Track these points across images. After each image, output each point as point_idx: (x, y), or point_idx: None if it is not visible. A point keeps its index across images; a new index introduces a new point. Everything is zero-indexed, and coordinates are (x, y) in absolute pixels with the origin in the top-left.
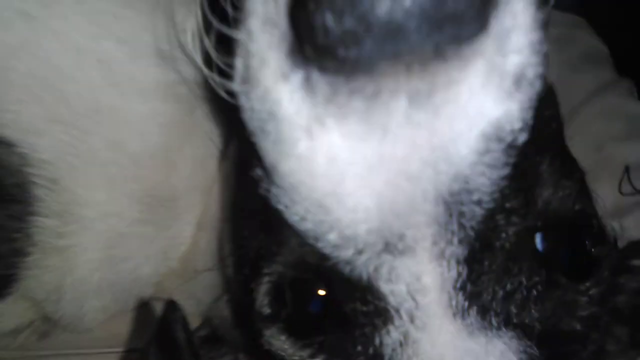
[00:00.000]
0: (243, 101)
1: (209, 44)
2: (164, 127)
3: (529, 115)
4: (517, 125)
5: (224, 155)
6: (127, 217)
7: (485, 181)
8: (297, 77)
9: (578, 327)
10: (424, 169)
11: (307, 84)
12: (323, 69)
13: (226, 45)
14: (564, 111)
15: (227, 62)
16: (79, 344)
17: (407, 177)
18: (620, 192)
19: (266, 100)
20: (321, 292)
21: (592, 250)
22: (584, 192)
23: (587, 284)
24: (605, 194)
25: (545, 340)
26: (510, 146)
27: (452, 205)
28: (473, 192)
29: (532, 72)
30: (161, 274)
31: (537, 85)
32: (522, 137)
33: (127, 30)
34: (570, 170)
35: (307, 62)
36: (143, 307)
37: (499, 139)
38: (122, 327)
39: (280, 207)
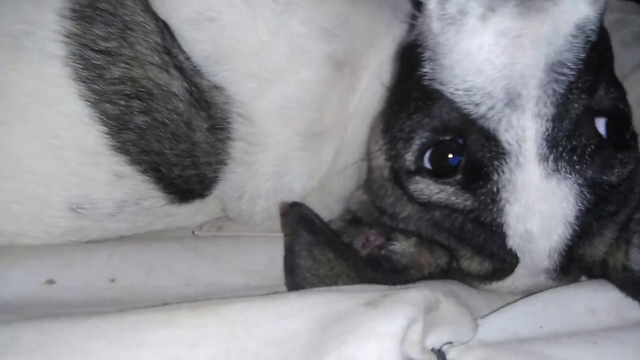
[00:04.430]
0: (437, 12)
1: None
2: (322, 83)
3: (597, 25)
4: (592, 26)
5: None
6: (291, 144)
7: (571, 58)
8: None
9: (613, 179)
10: (543, 41)
11: None
12: None
13: None
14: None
15: None
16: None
17: (533, 45)
18: None
19: (458, 3)
20: (460, 141)
21: (627, 137)
22: (626, 102)
23: (622, 155)
24: None
25: (593, 188)
26: (587, 40)
27: (552, 73)
28: (564, 64)
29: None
30: (306, 189)
31: (601, 9)
32: (593, 37)
33: (307, 15)
34: (618, 84)
35: None
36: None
37: (582, 31)
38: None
39: (441, 86)
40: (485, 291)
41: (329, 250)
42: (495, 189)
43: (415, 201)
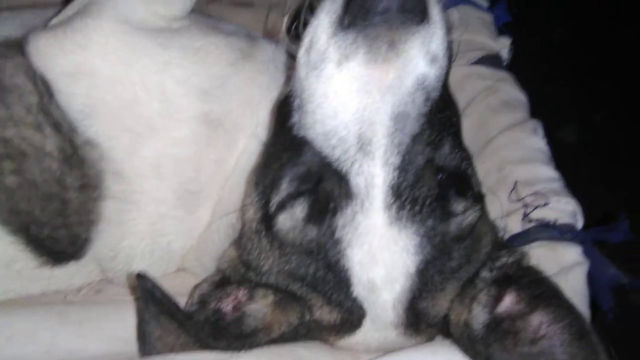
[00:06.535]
0: (304, 59)
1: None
2: (197, 141)
3: (438, 84)
4: (432, 84)
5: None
6: (166, 202)
7: (414, 110)
8: (339, 34)
9: (452, 230)
10: (388, 89)
11: (342, 37)
12: (353, 26)
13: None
14: (481, 143)
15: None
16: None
17: (380, 92)
18: (509, 201)
19: (319, 51)
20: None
21: (466, 192)
22: (470, 164)
23: (461, 207)
24: (501, 201)
25: (433, 239)
26: (428, 96)
27: (397, 123)
28: (408, 115)
29: (441, 59)
30: (185, 248)
31: (443, 69)
32: (435, 94)
33: (184, 74)
34: (464, 149)
35: (344, 27)
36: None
37: (423, 86)
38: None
39: (304, 131)
40: (340, 350)
41: (172, 320)
42: (339, 227)
43: (277, 247)
